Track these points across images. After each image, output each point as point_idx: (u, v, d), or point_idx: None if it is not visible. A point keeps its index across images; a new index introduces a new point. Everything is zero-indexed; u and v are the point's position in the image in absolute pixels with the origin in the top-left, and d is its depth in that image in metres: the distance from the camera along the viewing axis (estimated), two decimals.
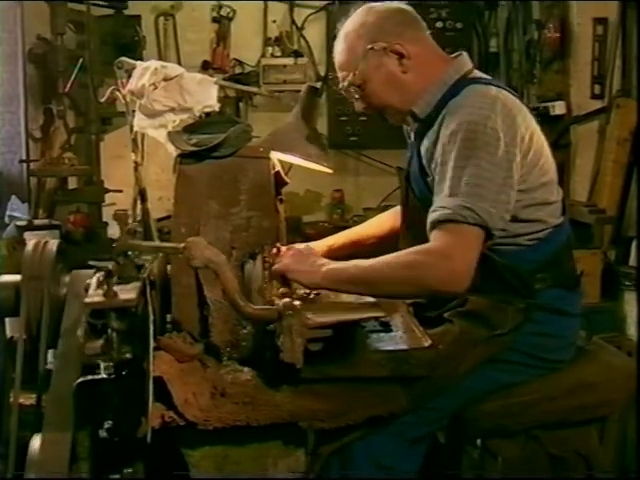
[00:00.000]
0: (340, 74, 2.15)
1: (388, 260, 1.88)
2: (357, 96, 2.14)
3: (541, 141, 2.04)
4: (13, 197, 3.80)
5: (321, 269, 1.91)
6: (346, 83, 2.12)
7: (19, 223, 3.54)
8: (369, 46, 2.06)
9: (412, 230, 2.15)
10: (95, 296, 1.65)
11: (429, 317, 2.08)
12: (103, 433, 1.79)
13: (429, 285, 1.84)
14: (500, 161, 1.88)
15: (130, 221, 1.97)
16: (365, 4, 2.16)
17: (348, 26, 2.13)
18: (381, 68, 2.07)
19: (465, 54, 2.16)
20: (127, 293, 1.66)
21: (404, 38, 2.07)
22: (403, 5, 2.15)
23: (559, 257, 2.06)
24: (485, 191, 1.85)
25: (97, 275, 1.72)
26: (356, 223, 4.52)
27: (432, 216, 1.88)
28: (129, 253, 1.74)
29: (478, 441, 2.10)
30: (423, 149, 2.05)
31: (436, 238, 1.86)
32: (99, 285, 1.67)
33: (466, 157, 1.87)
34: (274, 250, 1.96)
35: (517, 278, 1.99)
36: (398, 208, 2.34)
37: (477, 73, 2.13)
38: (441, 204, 1.87)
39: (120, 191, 3.78)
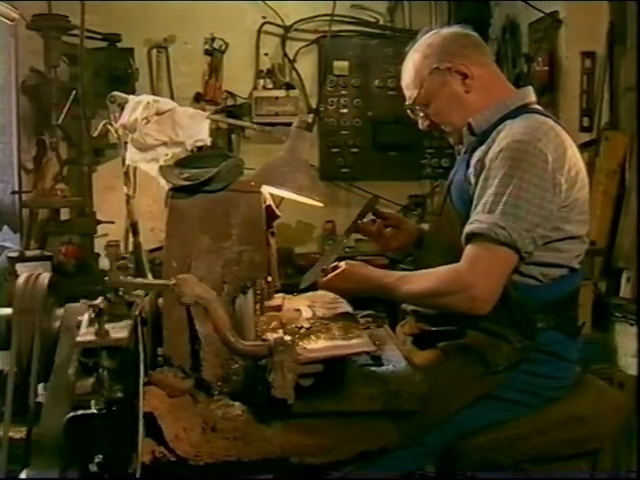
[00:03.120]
0: (406, 92, 2.26)
1: (419, 288, 1.99)
2: (421, 114, 2.24)
3: (586, 181, 2.09)
4: (5, 227, 3.80)
5: (357, 291, 2.13)
6: (411, 101, 2.23)
7: (11, 254, 3.54)
8: (435, 65, 2.17)
9: (438, 238, 2.23)
10: (87, 334, 1.65)
11: (426, 331, 2.11)
12: (93, 467, 1.77)
13: (455, 310, 1.95)
14: (544, 184, 1.93)
15: (122, 251, 1.98)
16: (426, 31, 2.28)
17: (415, 49, 2.24)
18: (445, 87, 2.17)
19: (531, 88, 2.26)
20: (118, 332, 1.65)
21: (469, 60, 2.17)
22: (470, 31, 2.26)
23: (566, 302, 2.08)
24: (522, 212, 1.91)
25: (88, 313, 1.72)
26: (348, 254, 4.58)
27: (468, 227, 1.95)
28: (120, 290, 1.73)
29: (469, 474, 2.09)
30: (473, 161, 2.09)
31: (466, 258, 1.93)
32: (91, 323, 1.67)
33: (510, 176, 1.93)
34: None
35: (522, 313, 2.00)
36: None
37: (538, 107, 2.20)
38: (478, 218, 1.93)
39: (112, 222, 3.79)
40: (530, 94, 2.22)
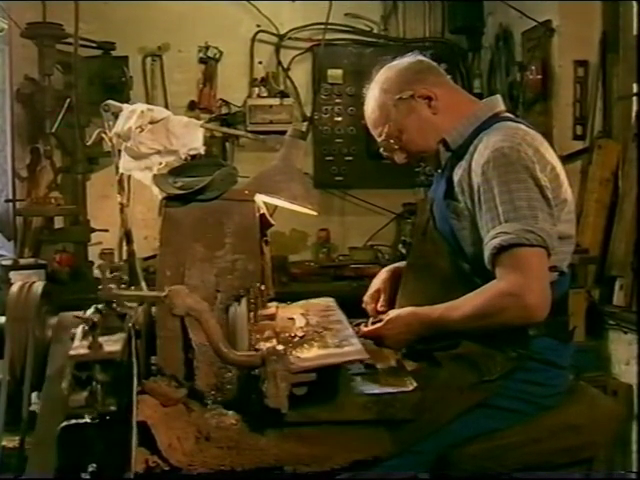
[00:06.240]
0: (376, 131, 2.25)
1: (469, 311, 1.95)
2: (396, 147, 2.22)
3: (567, 182, 2.09)
4: None
5: (413, 334, 2.04)
6: (383, 136, 2.21)
7: (4, 262, 3.53)
8: (397, 96, 2.17)
9: (422, 258, 2.20)
10: (80, 348, 1.65)
11: (418, 349, 2.10)
12: (86, 477, 1.77)
13: (512, 325, 1.93)
14: (542, 183, 1.95)
15: (115, 260, 1.98)
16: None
17: (373, 88, 2.24)
18: (412, 114, 2.17)
19: (499, 96, 2.26)
20: (112, 345, 1.65)
21: (427, 83, 2.18)
22: (419, 57, 2.27)
23: (557, 307, 2.06)
24: (539, 212, 1.92)
25: (82, 326, 1.71)
26: (342, 262, 4.59)
27: (493, 243, 1.92)
28: (113, 302, 1.73)
29: None
30: (456, 178, 2.09)
31: (503, 273, 1.91)
32: (84, 336, 1.67)
33: (509, 181, 1.94)
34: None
35: None
36: None
37: (509, 114, 2.21)
38: (501, 230, 1.91)
39: (106, 230, 3.80)
40: (498, 103, 2.22)
